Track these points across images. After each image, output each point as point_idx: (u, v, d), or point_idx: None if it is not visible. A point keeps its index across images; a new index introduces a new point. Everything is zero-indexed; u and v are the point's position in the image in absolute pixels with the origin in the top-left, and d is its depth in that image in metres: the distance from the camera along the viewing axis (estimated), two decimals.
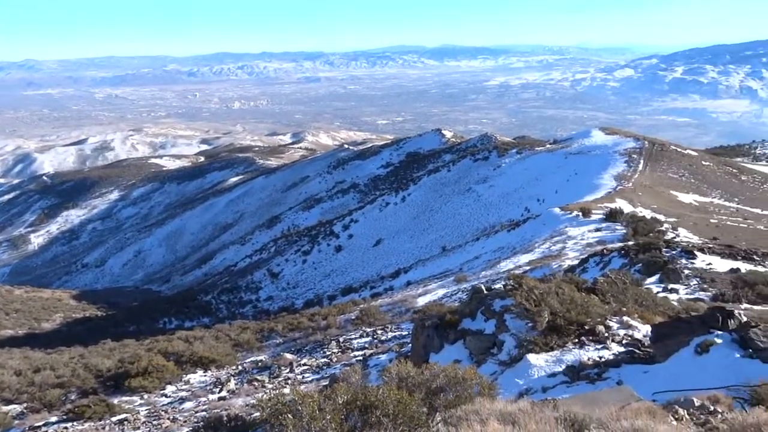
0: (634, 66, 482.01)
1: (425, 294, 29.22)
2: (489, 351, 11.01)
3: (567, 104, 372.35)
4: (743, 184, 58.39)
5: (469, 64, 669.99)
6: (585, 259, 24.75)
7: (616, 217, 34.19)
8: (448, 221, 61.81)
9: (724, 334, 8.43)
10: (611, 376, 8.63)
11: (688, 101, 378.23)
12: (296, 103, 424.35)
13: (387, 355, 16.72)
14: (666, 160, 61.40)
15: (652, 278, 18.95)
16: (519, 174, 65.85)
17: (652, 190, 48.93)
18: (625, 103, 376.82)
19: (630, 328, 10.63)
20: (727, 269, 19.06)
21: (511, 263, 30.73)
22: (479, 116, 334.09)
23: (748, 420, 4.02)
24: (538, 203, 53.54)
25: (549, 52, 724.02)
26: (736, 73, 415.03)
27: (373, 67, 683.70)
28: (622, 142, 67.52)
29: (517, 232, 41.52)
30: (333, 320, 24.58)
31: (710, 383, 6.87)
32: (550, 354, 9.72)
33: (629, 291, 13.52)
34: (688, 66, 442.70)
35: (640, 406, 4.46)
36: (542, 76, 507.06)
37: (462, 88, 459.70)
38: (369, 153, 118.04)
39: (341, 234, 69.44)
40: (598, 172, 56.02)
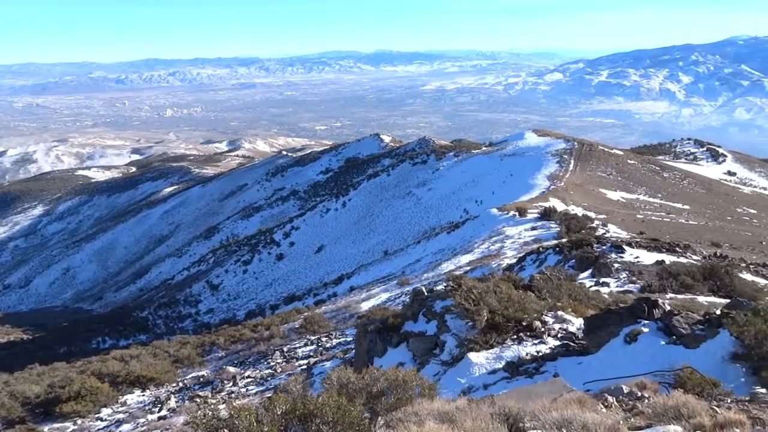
0: (563, 70, 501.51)
1: (369, 299, 29.24)
2: (431, 352, 11.14)
3: (501, 107, 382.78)
4: (665, 180, 61.72)
5: (406, 69, 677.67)
6: (522, 257, 25.48)
7: (550, 216, 35.36)
8: (390, 225, 62.17)
9: (650, 323, 8.87)
10: (548, 370, 8.91)
11: (613, 103, 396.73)
12: (232, 110, 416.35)
13: (331, 362, 16.62)
14: (595, 159, 64.08)
15: (585, 273, 19.70)
16: (457, 176, 67.04)
17: (582, 189, 50.94)
18: (556, 106, 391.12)
19: (565, 322, 11.01)
20: (653, 261, 20.04)
21: (452, 264, 31.21)
22: (417, 120, 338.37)
23: (669, 403, 4.24)
24: (476, 204, 54.67)
25: (482, 57, 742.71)
26: (655, 76, 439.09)
27: (309, 72, 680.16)
28: (553, 143, 69.97)
29: (457, 234, 42.22)
30: (276, 330, 24.20)
31: (638, 370, 7.20)
32: (490, 351, 9.93)
33: (564, 286, 14.01)
34: (612, 70, 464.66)
35: (571, 397, 4.62)
36: (476, 81, 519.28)
37: (399, 92, 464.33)
38: (308, 159, 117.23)
39: (282, 242, 68.55)
40: (533, 172, 57.80)
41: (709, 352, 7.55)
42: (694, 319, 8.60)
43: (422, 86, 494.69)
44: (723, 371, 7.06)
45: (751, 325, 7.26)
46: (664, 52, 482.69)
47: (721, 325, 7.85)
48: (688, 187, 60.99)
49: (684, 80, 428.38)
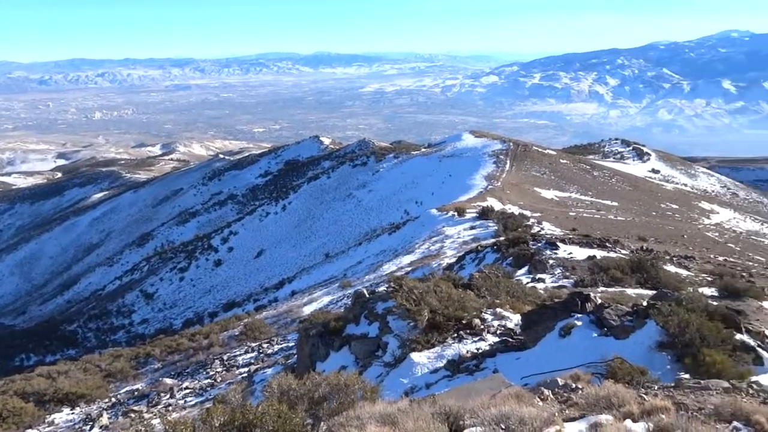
0: (498, 73, 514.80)
1: (310, 303, 28.98)
2: (374, 354, 11.14)
3: (439, 109, 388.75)
4: (595, 179, 64.38)
5: (344, 71, 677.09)
6: (462, 256, 25.91)
7: (488, 215, 36.17)
8: (331, 228, 61.88)
9: (583, 316, 9.20)
10: (488, 366, 9.09)
11: (545, 105, 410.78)
12: (165, 113, 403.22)
13: (273, 368, 16.35)
14: (529, 159, 66.07)
15: (522, 270, 20.24)
16: (397, 178, 67.51)
17: (518, 188, 52.40)
18: (492, 108, 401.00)
19: (503, 319, 11.28)
20: (585, 257, 20.80)
21: (393, 265, 31.38)
22: (356, 122, 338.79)
23: (601, 393, 4.41)
24: (416, 205, 55.22)
25: (420, 59, 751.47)
26: (585, 79, 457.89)
27: (246, 74, 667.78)
28: (490, 144, 71.63)
29: (397, 235, 42.49)
30: (216, 338, 23.59)
31: (573, 362, 7.45)
32: (431, 351, 10.04)
33: (502, 284, 14.36)
34: (544, 73, 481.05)
35: (509, 392, 4.72)
36: (415, 83, 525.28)
37: (338, 94, 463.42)
38: (246, 162, 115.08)
39: (220, 247, 66.95)
40: (470, 173, 58.96)
41: (637, 342, 7.91)
42: (623, 311, 9.00)
43: (361, 88, 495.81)
44: (650, 360, 7.41)
45: (674, 314, 7.66)
46: (593, 56, 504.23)
47: (647, 315, 8.25)
48: (616, 184, 63.85)
49: (611, 83, 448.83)
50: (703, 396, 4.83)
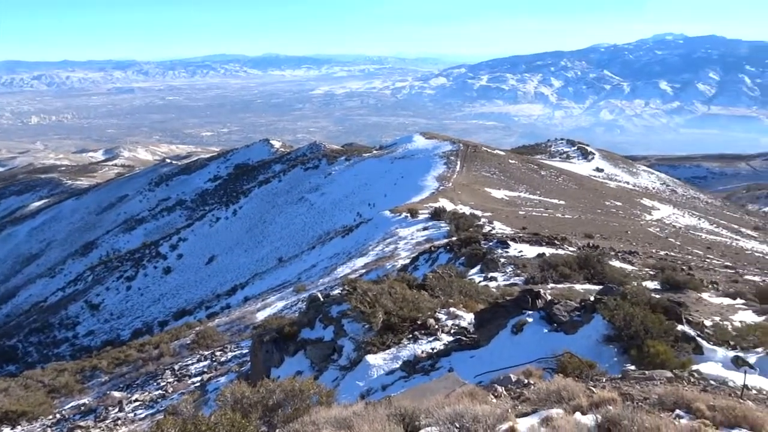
0: (447, 75, 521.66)
1: (264, 308, 28.58)
2: (329, 358, 11.08)
3: (389, 111, 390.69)
4: (543, 178, 66.05)
5: (294, 74, 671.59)
6: (415, 257, 26.09)
7: (440, 216, 36.55)
8: (283, 232, 61.22)
9: (534, 313, 9.41)
10: (443, 365, 9.18)
11: (493, 106, 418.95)
12: (108, 117, 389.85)
13: (227, 377, 16.02)
14: (479, 160, 67.19)
15: (474, 269, 20.55)
16: (349, 180, 67.42)
17: (469, 189, 53.19)
18: (441, 109, 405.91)
19: (457, 318, 11.41)
20: (535, 254, 21.31)
21: (347, 268, 31.30)
22: (307, 125, 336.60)
23: (551, 387, 4.52)
24: (369, 207, 55.27)
25: (370, 61, 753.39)
26: (530, 80, 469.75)
27: (192, 76, 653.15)
28: (440, 145, 72.45)
29: (351, 237, 42.42)
30: (166, 348, 22.93)
31: (525, 358, 7.61)
32: (387, 352, 10.05)
33: (455, 283, 14.53)
34: (491, 74, 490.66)
35: (464, 390, 4.78)
36: (365, 85, 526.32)
37: (288, 97, 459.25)
38: (195, 167, 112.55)
39: (169, 254, 65.19)
40: (422, 174, 59.47)
41: (585, 336, 8.15)
42: (572, 307, 9.25)
43: (311, 90, 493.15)
44: (598, 353, 7.65)
45: (620, 308, 7.94)
46: (538, 58, 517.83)
47: (595, 310, 8.51)
48: (563, 183, 65.69)
49: (556, 84, 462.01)
50: (648, 386, 5.02)
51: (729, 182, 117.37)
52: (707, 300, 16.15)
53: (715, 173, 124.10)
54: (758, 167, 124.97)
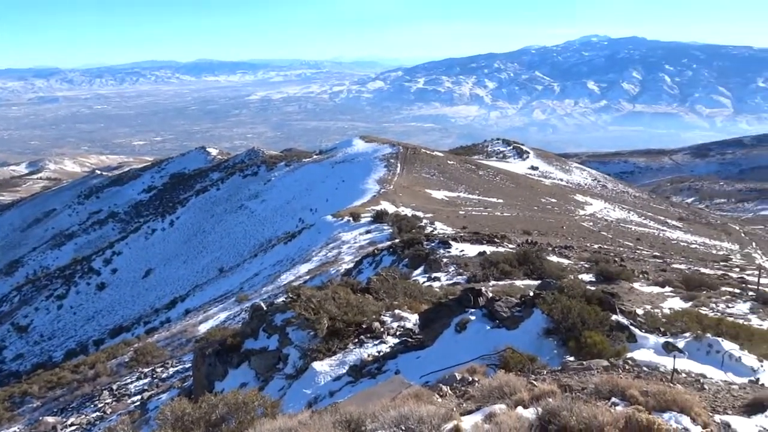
0: (384, 78, 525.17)
1: (206, 320, 27.85)
2: (275, 367, 10.89)
3: (328, 116, 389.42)
4: (481, 178, 67.50)
5: (229, 79, 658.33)
6: (359, 261, 26.08)
7: (382, 219, 36.70)
8: (224, 241, 59.86)
9: (476, 310, 9.58)
10: (390, 368, 9.19)
11: (431, 109, 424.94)
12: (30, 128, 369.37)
13: (168, 393, 15.50)
14: (419, 162, 67.95)
15: (418, 270, 20.74)
16: (290, 186, 66.71)
17: (410, 190, 53.69)
18: (380, 113, 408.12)
19: (402, 320, 11.47)
20: (476, 253, 21.73)
21: (291, 275, 30.93)
22: (244, 131, 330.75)
23: (494, 384, 4.61)
24: (311, 213, 54.85)
25: (306, 66, 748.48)
26: (465, 82, 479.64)
27: (121, 84, 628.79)
28: (380, 148, 72.80)
29: (294, 244, 41.97)
30: (103, 367, 21.96)
31: (469, 356, 7.72)
32: (333, 358, 9.98)
33: (399, 285, 14.60)
34: (428, 77, 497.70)
35: (410, 392, 4.79)
36: (302, 90, 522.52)
37: (223, 103, 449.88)
38: (127, 177, 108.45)
39: (103, 270, 62.47)
40: (363, 178, 59.56)
41: (526, 331, 8.36)
42: (513, 303, 9.48)
43: (248, 96, 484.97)
44: (539, 346, 7.86)
45: (558, 302, 8.19)
46: (472, 60, 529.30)
47: (534, 305, 8.74)
48: (501, 182, 67.36)
49: (490, 86, 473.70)
50: (585, 376, 5.20)
51: (654, 176, 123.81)
52: (639, 289, 16.94)
53: (642, 168, 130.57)
54: (680, 161, 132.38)
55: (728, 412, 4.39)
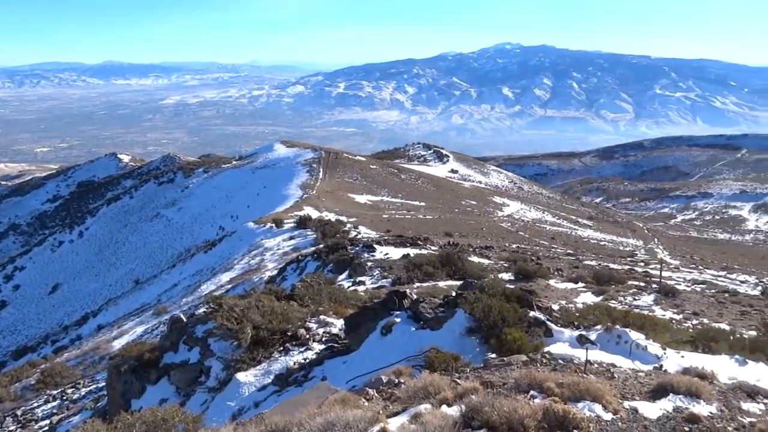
0: (304, 83, 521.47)
1: (121, 336, 26.50)
2: (197, 381, 10.52)
3: (248, 120, 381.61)
4: (403, 181, 68.45)
5: (140, 83, 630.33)
6: (283, 267, 25.71)
7: (306, 224, 36.38)
8: (139, 251, 57.19)
9: (401, 312, 9.68)
10: (316, 375, 9.11)
11: (352, 113, 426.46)
12: None
13: (80, 415, 14.59)
14: (341, 166, 67.97)
15: (343, 275, 20.72)
16: (209, 193, 64.79)
17: (333, 195, 53.58)
18: (300, 117, 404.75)
19: (328, 325, 11.40)
20: (401, 256, 21.98)
21: (212, 285, 30.03)
22: (159, 137, 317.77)
23: (419, 384, 4.68)
24: (232, 220, 53.52)
25: (223, 69, 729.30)
26: (386, 87, 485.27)
27: (21, 87, 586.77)
28: (302, 153, 72.22)
29: (214, 252, 40.80)
30: (5, 392, 20.38)
31: (395, 358, 7.79)
32: (258, 368, 9.77)
33: (324, 291, 14.52)
34: (348, 82, 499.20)
35: (336, 398, 4.77)
36: (220, 94, 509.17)
37: (135, 108, 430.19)
38: (29, 186, 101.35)
39: (3, 287, 58.01)
40: (285, 183, 58.82)
41: (450, 330, 8.55)
42: (436, 304, 9.66)
43: (161, 100, 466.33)
44: (462, 345, 8.06)
45: (479, 301, 8.44)
46: (391, 66, 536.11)
47: (457, 305, 8.96)
48: (422, 186, 68.60)
49: (410, 91, 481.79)
50: (506, 372, 5.39)
51: (566, 178, 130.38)
52: (554, 286, 17.77)
53: (554, 170, 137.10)
54: (589, 163, 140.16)
55: (636, 398, 4.68)
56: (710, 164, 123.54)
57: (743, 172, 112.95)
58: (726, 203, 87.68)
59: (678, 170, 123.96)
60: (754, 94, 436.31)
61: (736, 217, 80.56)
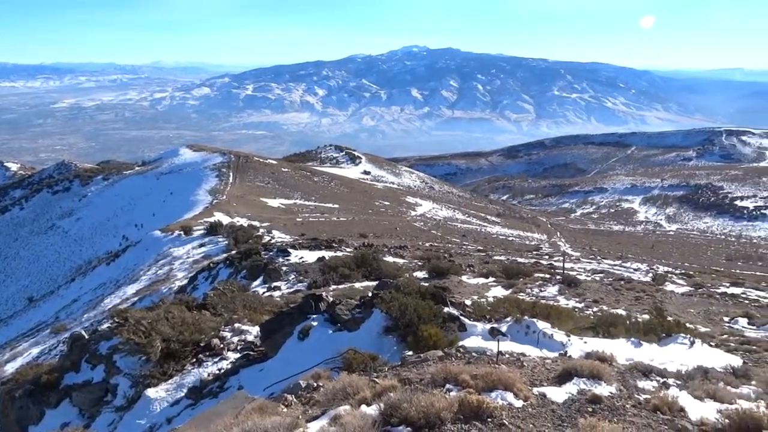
0: (210, 84, 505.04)
1: (14, 359, 24.49)
2: (102, 400, 9.93)
3: (150, 124, 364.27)
4: (316, 184, 68.06)
5: (29, 85, 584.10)
6: (194, 276, 24.80)
7: (217, 230, 35.28)
8: (32, 267, 53.02)
9: (318, 316, 9.64)
10: (232, 384, 8.87)
11: (262, 116, 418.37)
12: None
13: None
14: (252, 170, 66.51)
15: (257, 281, 20.29)
16: (110, 201, 61.25)
17: (244, 200, 52.33)
18: (207, 121, 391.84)
19: (243, 333, 11.13)
20: (316, 259, 21.85)
21: (117, 298, 28.42)
22: (51, 143, 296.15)
23: (338, 386, 4.68)
24: (136, 229, 50.88)
25: (122, 71, 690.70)
26: (296, 89, 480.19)
27: None
28: (210, 157, 69.96)
29: (118, 264, 38.66)
30: None
31: (314, 362, 7.74)
32: (169, 382, 9.37)
33: (238, 298, 14.16)
34: (257, 84, 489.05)
35: (253, 406, 4.67)
36: (118, 96, 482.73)
37: (24, 112, 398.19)
38: None
39: None
40: (193, 189, 56.74)
41: (368, 331, 8.61)
42: (353, 305, 9.70)
43: (53, 104, 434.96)
44: (380, 344, 8.14)
45: (395, 300, 8.56)
46: (300, 67, 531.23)
47: (373, 305, 9.04)
48: (335, 188, 68.53)
49: (320, 93, 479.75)
50: (423, 368, 5.50)
51: (474, 176, 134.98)
52: (467, 281, 18.36)
53: (463, 169, 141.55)
54: (495, 162, 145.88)
55: (544, 384, 4.94)
56: (604, 161, 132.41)
57: (633, 167, 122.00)
58: (619, 197, 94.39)
59: (576, 167, 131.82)
60: (639, 95, 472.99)
61: (629, 210, 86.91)
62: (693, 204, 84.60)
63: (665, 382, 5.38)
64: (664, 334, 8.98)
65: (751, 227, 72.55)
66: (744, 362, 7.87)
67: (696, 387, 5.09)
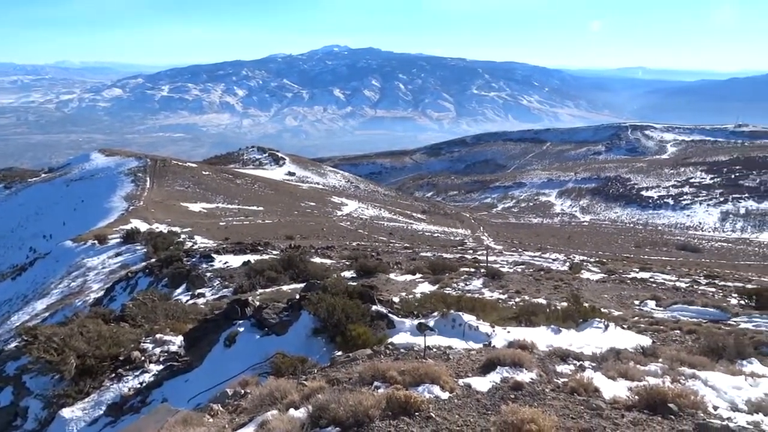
0: (122, 85, 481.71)
1: None
2: (11, 425, 9.27)
3: (57, 128, 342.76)
4: (239, 187, 66.53)
5: None
6: (111, 287, 23.61)
7: (134, 238, 33.73)
8: None
9: (244, 321, 9.44)
10: (155, 398, 8.52)
11: (179, 117, 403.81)
12: None
13: None
14: (171, 174, 64.10)
15: (180, 288, 19.59)
16: (14, 211, 57.18)
17: (163, 205, 50.35)
18: (121, 123, 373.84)
19: (166, 344, 10.71)
20: (241, 263, 21.38)
21: (25, 314, 26.57)
22: None
23: (265, 392, 4.61)
24: (45, 240, 47.77)
25: (22, 71, 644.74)
26: (214, 90, 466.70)
27: None
28: (125, 162, 66.84)
29: (25, 278, 36.16)
30: None
31: (240, 369, 7.58)
32: (86, 401, 8.87)
33: (159, 307, 13.61)
34: (172, 85, 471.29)
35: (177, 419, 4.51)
36: (20, 99, 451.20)
37: None
38: None
39: None
40: (107, 195, 54.01)
41: (296, 334, 8.53)
42: (281, 308, 9.58)
43: None
44: (309, 347, 8.09)
45: (323, 301, 8.52)
46: (219, 67, 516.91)
47: (301, 307, 8.96)
48: (259, 190, 67.29)
49: (240, 93, 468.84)
50: (351, 367, 5.51)
51: (399, 175, 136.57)
52: (394, 279, 18.56)
53: (388, 168, 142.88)
54: (419, 160, 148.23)
55: (469, 375, 5.08)
56: (522, 156, 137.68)
57: (549, 162, 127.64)
58: (537, 191, 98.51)
59: (496, 163, 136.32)
60: (552, 93, 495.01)
61: (546, 203, 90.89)
62: (604, 195, 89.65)
63: (581, 365, 5.67)
64: (581, 319, 9.46)
65: (656, 215, 77.83)
66: (653, 342, 8.44)
67: (609, 368, 5.40)
